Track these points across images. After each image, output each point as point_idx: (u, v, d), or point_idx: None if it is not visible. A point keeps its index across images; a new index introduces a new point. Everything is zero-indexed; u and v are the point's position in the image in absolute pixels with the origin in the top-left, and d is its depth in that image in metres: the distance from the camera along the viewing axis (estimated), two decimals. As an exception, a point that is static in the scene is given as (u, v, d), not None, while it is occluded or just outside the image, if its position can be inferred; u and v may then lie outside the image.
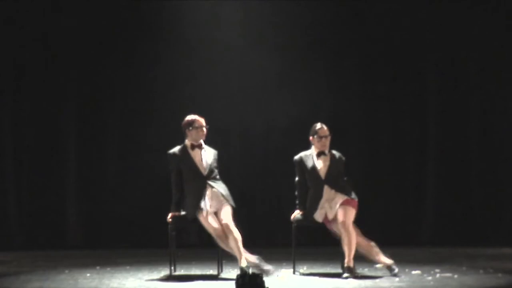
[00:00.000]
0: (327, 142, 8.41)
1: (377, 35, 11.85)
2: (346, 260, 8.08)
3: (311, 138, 8.45)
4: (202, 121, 8.46)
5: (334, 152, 8.47)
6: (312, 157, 8.42)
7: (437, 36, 11.83)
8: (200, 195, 8.27)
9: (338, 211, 8.21)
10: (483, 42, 11.78)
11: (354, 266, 8.09)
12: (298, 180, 8.50)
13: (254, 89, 11.76)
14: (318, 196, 8.34)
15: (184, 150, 8.42)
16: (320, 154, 8.41)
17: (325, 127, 8.43)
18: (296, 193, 8.54)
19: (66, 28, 11.70)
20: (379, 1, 11.81)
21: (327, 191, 8.33)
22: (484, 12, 11.75)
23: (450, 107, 11.91)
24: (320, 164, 8.39)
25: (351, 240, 8.09)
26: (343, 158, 8.48)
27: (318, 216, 8.35)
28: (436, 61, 11.92)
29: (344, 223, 8.13)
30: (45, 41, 11.75)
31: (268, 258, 9.78)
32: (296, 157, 8.49)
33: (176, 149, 8.44)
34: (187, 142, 8.44)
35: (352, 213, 8.22)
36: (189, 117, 8.46)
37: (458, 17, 11.79)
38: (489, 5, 11.77)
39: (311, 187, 8.41)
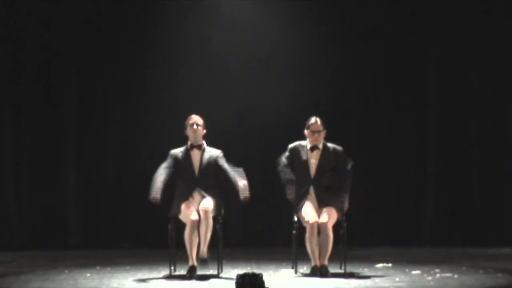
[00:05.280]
0: (319, 137, 8.38)
1: (377, 34, 11.85)
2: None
3: (305, 131, 8.44)
4: (196, 119, 8.39)
5: (329, 145, 8.43)
6: (306, 149, 8.42)
7: (437, 36, 11.84)
8: (187, 197, 8.29)
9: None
10: (483, 42, 11.77)
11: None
12: (285, 164, 8.41)
13: (253, 85, 11.74)
14: (304, 194, 8.32)
15: (184, 150, 8.41)
16: (313, 148, 8.40)
17: (319, 122, 8.39)
18: (280, 168, 8.43)
19: (65, 28, 11.70)
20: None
21: (311, 192, 8.32)
22: (485, 12, 11.74)
23: (450, 107, 11.90)
24: (312, 159, 8.37)
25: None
26: (339, 149, 8.44)
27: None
28: (436, 61, 11.90)
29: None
30: (45, 40, 11.74)
31: (268, 258, 9.81)
32: (291, 145, 8.47)
33: (178, 149, 8.44)
34: (188, 142, 8.43)
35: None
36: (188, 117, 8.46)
37: (459, 17, 11.79)
38: (489, 4, 11.76)
39: (298, 179, 8.36)
